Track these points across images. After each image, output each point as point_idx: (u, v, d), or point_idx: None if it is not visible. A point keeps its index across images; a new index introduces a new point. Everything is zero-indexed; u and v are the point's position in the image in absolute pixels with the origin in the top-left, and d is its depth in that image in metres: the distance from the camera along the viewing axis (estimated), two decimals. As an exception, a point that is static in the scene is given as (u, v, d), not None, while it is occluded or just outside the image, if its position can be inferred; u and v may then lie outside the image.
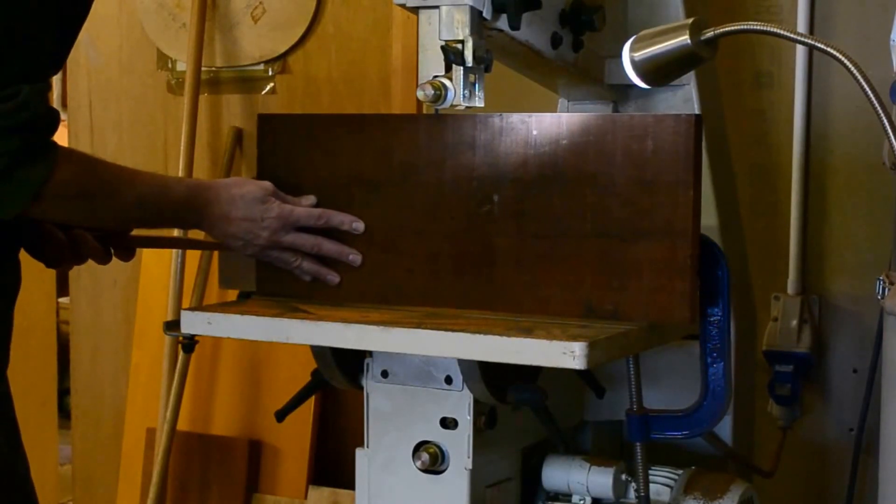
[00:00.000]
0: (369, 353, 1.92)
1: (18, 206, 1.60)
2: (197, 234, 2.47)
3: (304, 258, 1.91)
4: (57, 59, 1.72)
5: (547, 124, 1.80)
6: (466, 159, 1.85)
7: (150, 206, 1.79)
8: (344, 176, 1.93)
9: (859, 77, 1.66)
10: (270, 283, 1.97)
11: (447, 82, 1.76)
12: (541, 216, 1.80)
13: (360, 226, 1.91)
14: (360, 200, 1.92)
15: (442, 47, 1.76)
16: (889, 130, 1.68)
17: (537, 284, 1.80)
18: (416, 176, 1.88)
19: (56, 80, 3.87)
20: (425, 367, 1.87)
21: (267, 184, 1.89)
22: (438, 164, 1.87)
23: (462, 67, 1.76)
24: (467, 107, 1.79)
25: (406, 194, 1.89)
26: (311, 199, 1.93)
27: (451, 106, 1.78)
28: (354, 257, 1.91)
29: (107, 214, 1.77)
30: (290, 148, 1.98)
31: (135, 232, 1.96)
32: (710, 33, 1.77)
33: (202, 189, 1.86)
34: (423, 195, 1.88)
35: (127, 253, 1.97)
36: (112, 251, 1.93)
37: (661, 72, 1.82)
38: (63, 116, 2.77)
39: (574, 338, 1.61)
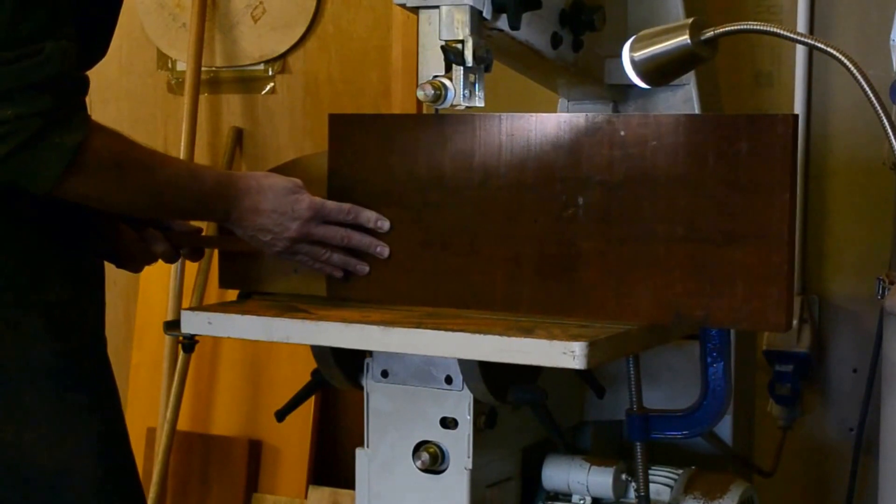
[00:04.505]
0: (369, 353, 1.92)
1: (55, 173, 1.54)
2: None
3: (334, 250, 1.87)
4: (99, 40, 1.71)
5: (635, 125, 1.74)
6: (550, 160, 1.79)
7: (182, 189, 1.74)
8: (421, 178, 1.87)
9: (859, 77, 1.66)
10: (341, 287, 1.92)
11: (447, 82, 1.75)
12: (628, 219, 1.73)
13: (385, 224, 1.87)
14: (438, 203, 1.85)
15: (442, 47, 1.76)
16: (889, 130, 1.68)
17: (624, 290, 1.74)
18: (497, 178, 1.82)
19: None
20: (425, 366, 1.87)
21: (295, 178, 1.85)
22: (520, 166, 1.81)
23: (462, 67, 1.75)
24: (467, 107, 1.78)
25: (486, 197, 1.83)
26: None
27: (451, 106, 1.78)
28: (382, 249, 1.87)
29: (141, 194, 1.71)
30: (363, 149, 1.92)
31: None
32: (710, 33, 1.77)
33: (233, 179, 1.81)
34: (504, 198, 1.82)
35: (195, 253, 1.96)
36: (181, 252, 1.92)
37: (661, 72, 1.81)
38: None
39: (574, 338, 1.61)
